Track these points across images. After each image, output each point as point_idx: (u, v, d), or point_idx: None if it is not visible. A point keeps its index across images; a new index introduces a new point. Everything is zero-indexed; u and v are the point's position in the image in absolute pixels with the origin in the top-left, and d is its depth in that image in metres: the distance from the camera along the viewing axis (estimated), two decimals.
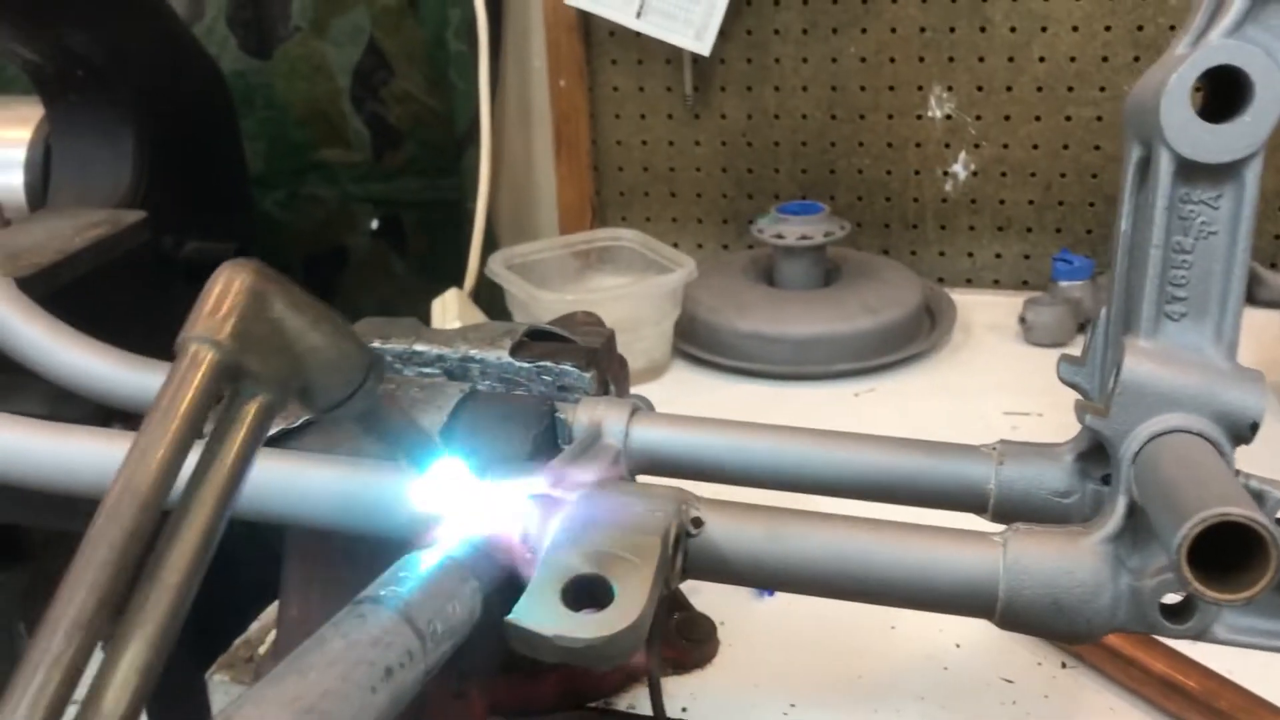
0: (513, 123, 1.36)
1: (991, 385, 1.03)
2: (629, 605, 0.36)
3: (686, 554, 0.41)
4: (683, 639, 0.72)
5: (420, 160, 1.40)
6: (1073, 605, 0.38)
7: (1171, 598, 0.38)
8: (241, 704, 0.27)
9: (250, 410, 0.35)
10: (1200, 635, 0.38)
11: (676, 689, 0.69)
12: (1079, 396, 0.45)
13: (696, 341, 1.12)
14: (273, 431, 0.51)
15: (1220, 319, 0.39)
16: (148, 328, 0.75)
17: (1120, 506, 0.38)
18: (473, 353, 0.56)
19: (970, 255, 1.26)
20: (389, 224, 1.43)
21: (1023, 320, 1.11)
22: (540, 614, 0.36)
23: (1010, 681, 0.69)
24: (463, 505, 0.39)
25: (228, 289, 0.35)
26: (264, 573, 0.67)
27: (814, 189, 1.28)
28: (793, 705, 0.67)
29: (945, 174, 1.24)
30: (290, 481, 0.45)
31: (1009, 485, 0.48)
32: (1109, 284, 0.43)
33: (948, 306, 1.16)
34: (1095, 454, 0.46)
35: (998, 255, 1.25)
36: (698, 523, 0.41)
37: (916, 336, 1.11)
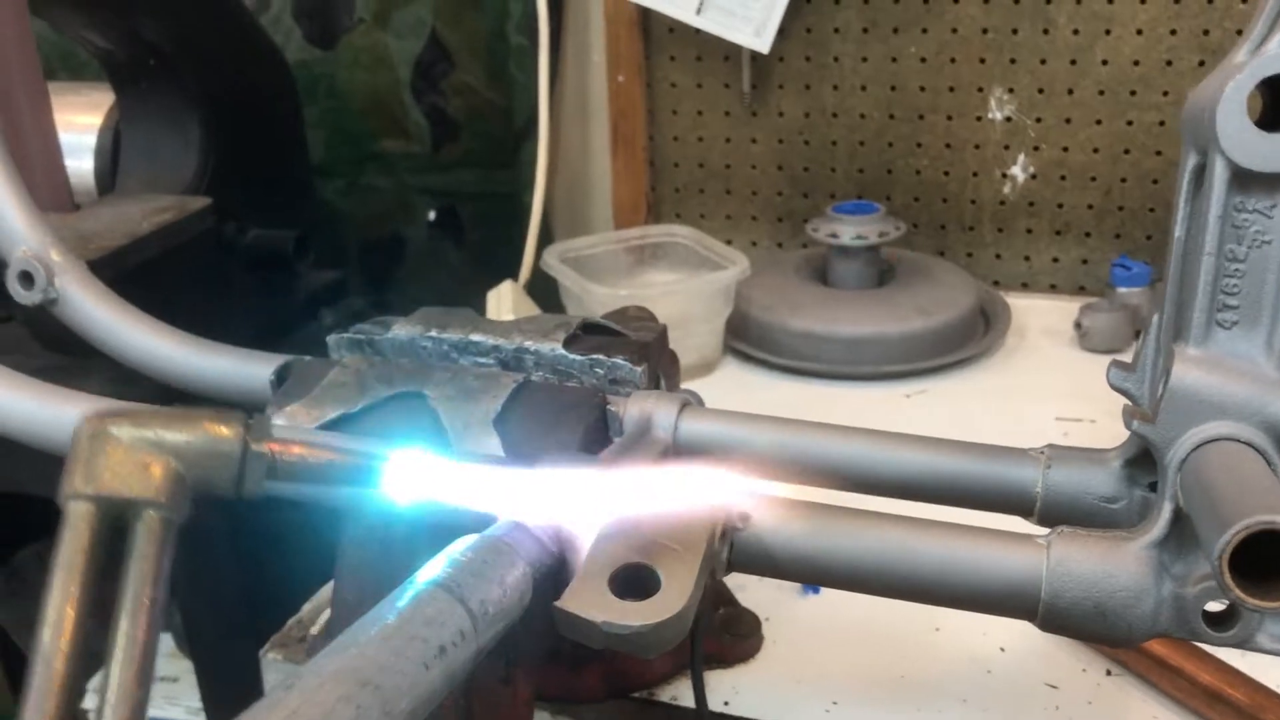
0: (570, 117, 1.37)
1: (1045, 390, 1.03)
2: (675, 595, 0.37)
3: (733, 547, 0.42)
4: (727, 634, 0.73)
5: (478, 152, 1.41)
6: (1115, 610, 0.38)
7: (1215, 605, 0.38)
8: (302, 675, 0.28)
9: (150, 530, 0.39)
10: (1243, 643, 0.38)
11: (719, 683, 0.70)
12: (1128, 403, 0.45)
13: (748, 339, 1.12)
14: (331, 417, 0.53)
15: (1272, 328, 0.38)
16: (209, 313, 0.77)
17: (1165, 513, 0.38)
18: (527, 344, 0.57)
19: (1027, 259, 1.25)
20: (446, 215, 1.45)
21: (1078, 326, 1.10)
22: (588, 601, 0.37)
23: (1054, 687, 0.69)
24: (515, 493, 0.40)
25: (76, 444, 0.39)
26: (314, 556, 0.68)
27: (870, 189, 1.28)
28: (835, 703, 0.68)
29: (1004, 176, 1.23)
30: None
31: (1056, 489, 0.48)
32: (1162, 290, 0.43)
33: (1002, 310, 1.15)
34: (1143, 460, 0.46)
35: (1055, 259, 1.24)
36: (745, 518, 0.42)
37: (970, 339, 1.11)
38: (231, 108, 1.20)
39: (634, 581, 0.37)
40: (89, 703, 0.76)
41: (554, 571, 0.39)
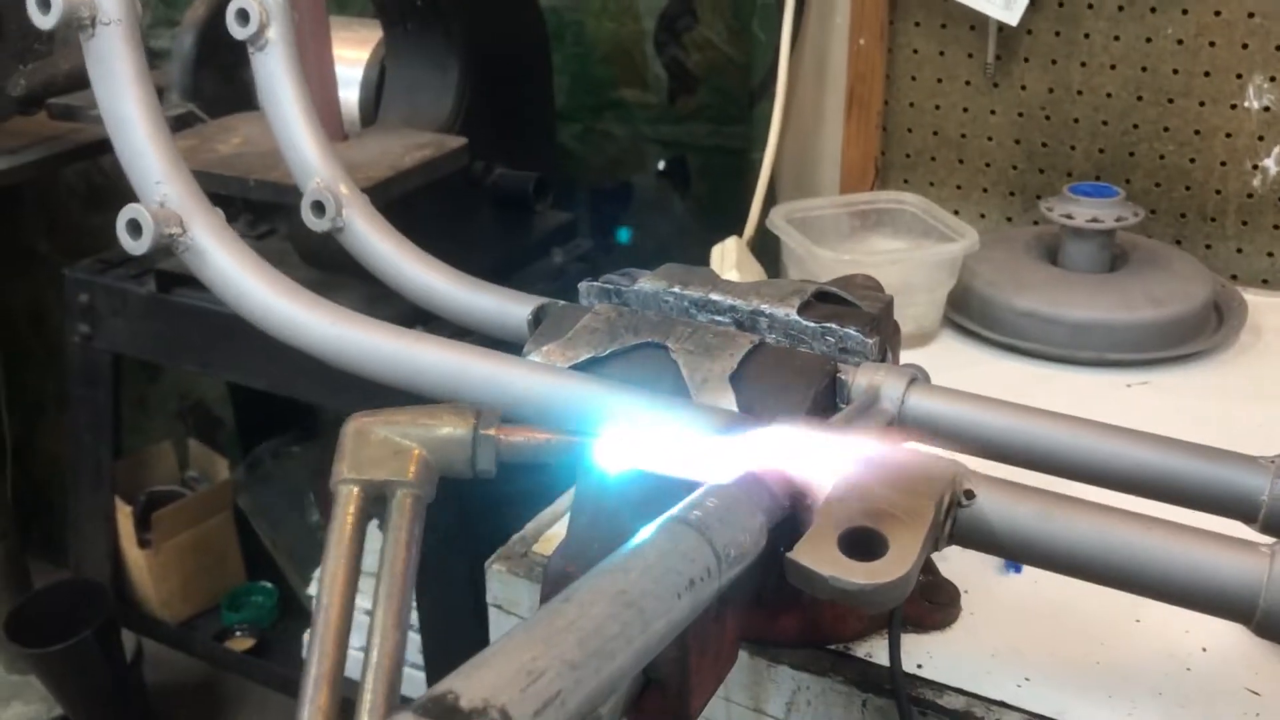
0: (807, 77, 1.38)
1: (1276, 394, 1.00)
2: (899, 560, 0.40)
3: (956, 521, 0.44)
4: (926, 601, 0.75)
5: (712, 107, 1.44)
6: None
7: None
8: (578, 588, 0.32)
9: (403, 507, 0.51)
10: None
11: (914, 646, 0.72)
12: None
13: (969, 313, 1.12)
14: (583, 358, 0.58)
15: None
16: (455, 245, 0.83)
17: None
18: (763, 307, 0.60)
19: (1270, 255, 1.20)
20: (675, 166, 1.49)
21: None
22: (818, 555, 0.40)
23: (1256, 694, 0.68)
24: (759, 449, 0.44)
25: (342, 440, 0.53)
26: (532, 484, 0.74)
27: (1109, 171, 1.25)
28: (1027, 679, 0.69)
29: (1255, 168, 1.18)
30: (596, 404, 0.51)
31: None
32: None
33: (1238, 306, 1.12)
34: None
35: None
36: (970, 494, 0.44)
37: (1200, 334, 1.08)
38: (488, 52, 1.27)
39: (862, 542, 0.41)
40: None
41: (785, 524, 0.42)
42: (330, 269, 1.12)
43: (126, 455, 1.82)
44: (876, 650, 0.72)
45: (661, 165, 1.50)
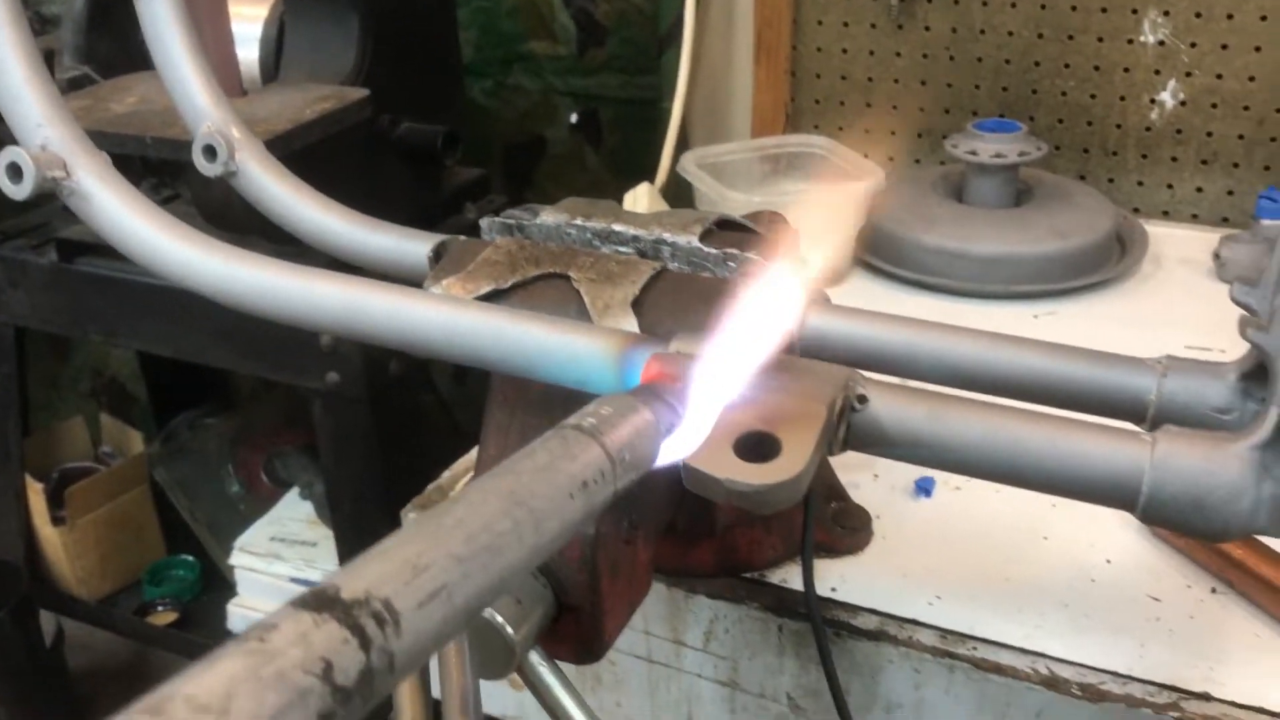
0: (715, 25, 1.38)
1: (1176, 319, 1.02)
2: (793, 460, 0.40)
3: (850, 426, 0.45)
4: (839, 526, 0.76)
5: (622, 58, 1.44)
6: (1214, 505, 0.40)
7: None
8: (467, 492, 0.32)
9: None
10: None
11: (827, 571, 0.73)
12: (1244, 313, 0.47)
13: (879, 252, 1.14)
14: (484, 290, 0.57)
15: None
16: (363, 200, 0.82)
17: (1272, 417, 0.40)
18: (665, 236, 0.60)
19: (1170, 187, 1.23)
20: (587, 118, 1.49)
21: (1217, 257, 1.08)
22: (714, 460, 0.40)
23: (1157, 600, 0.70)
24: (653, 362, 0.44)
25: None
26: (449, 434, 0.74)
27: (1013, 108, 1.27)
28: (938, 597, 0.71)
29: (1152, 102, 1.21)
30: (501, 334, 0.50)
31: (1170, 398, 0.49)
32: None
33: (1140, 237, 1.14)
34: (1259, 375, 0.47)
35: (1199, 189, 1.22)
36: (863, 399, 0.45)
37: (1104, 264, 1.10)
38: (390, 5, 1.25)
39: (757, 446, 0.41)
40: None
41: (682, 435, 0.42)
42: (236, 229, 1.10)
43: (37, 431, 1.77)
44: (791, 576, 0.73)
45: (574, 118, 1.49)
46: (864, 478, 0.81)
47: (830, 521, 0.76)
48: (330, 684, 0.24)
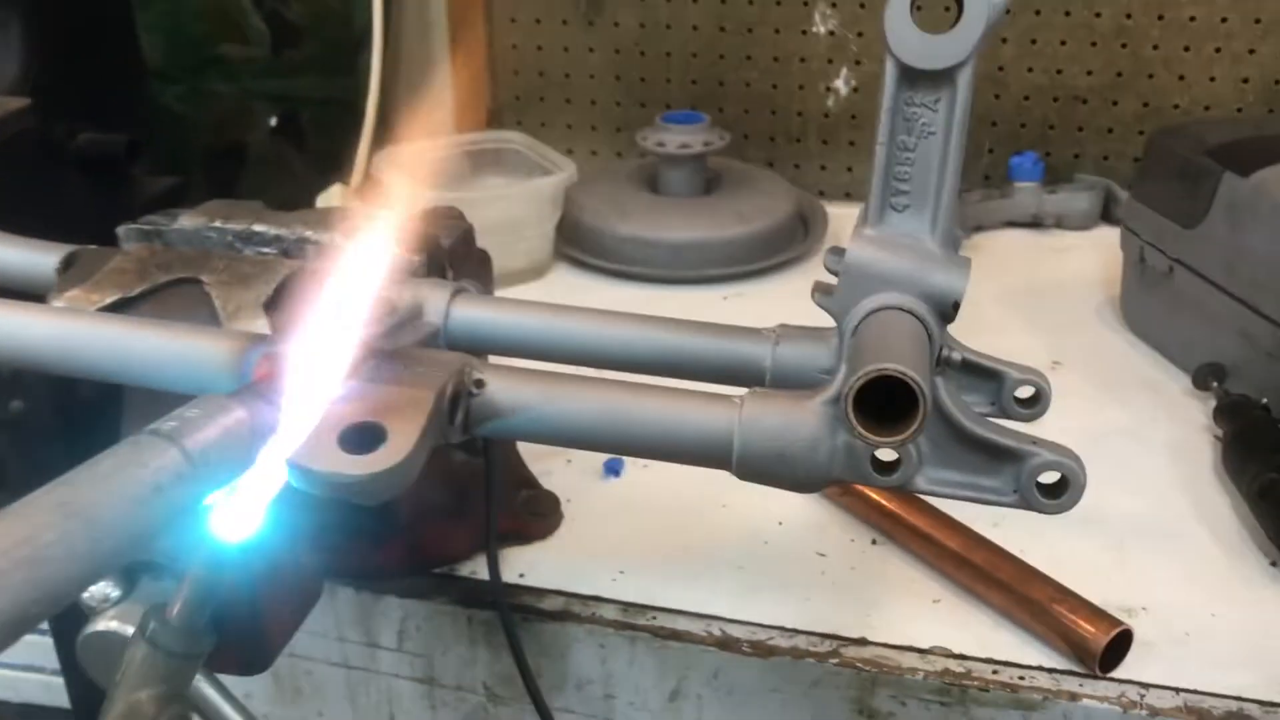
0: (411, 24, 1.37)
1: None
2: (397, 448, 0.41)
3: (469, 411, 0.46)
4: (528, 514, 0.78)
5: (319, 59, 1.41)
6: (795, 457, 0.43)
7: (885, 454, 0.44)
8: (14, 506, 0.31)
9: None
10: (905, 485, 0.43)
11: (516, 558, 0.75)
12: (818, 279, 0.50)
13: (579, 245, 1.16)
14: (109, 300, 0.55)
15: (935, 210, 0.43)
16: (36, 215, 0.77)
17: (841, 373, 0.44)
18: (309, 234, 0.59)
19: (850, 170, 1.31)
20: (288, 121, 1.45)
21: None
22: (316, 454, 0.40)
23: (823, 555, 0.75)
24: (264, 362, 0.43)
25: None
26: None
27: (704, 100, 1.32)
28: (621, 572, 0.73)
29: (828, 89, 1.28)
30: (116, 344, 0.49)
31: (783, 363, 0.53)
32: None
33: (822, 218, 1.21)
34: None
35: None
36: (480, 384, 0.46)
37: (787, 245, 1.16)
38: (57, 11, 1.18)
39: (363, 437, 0.41)
40: None
41: (284, 432, 0.42)
42: None
43: None
44: (480, 568, 0.74)
45: (274, 121, 1.45)
46: (557, 464, 0.83)
47: (520, 509, 0.77)
48: None
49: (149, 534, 0.34)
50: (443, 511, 0.72)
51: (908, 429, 0.36)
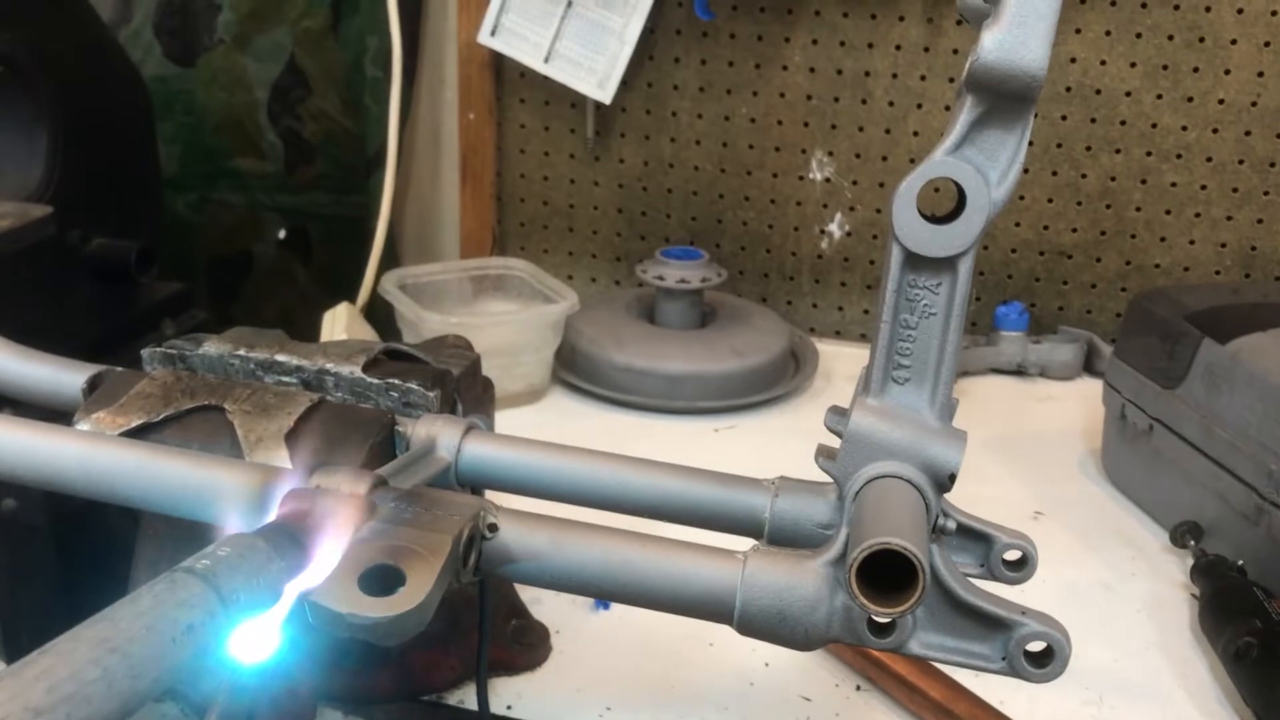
0: (423, 149, 1.42)
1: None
2: (415, 591, 0.42)
3: (480, 554, 0.48)
4: (516, 644, 0.79)
5: (331, 176, 1.45)
6: (794, 616, 0.45)
7: (880, 617, 0.46)
8: (58, 641, 0.33)
9: None
10: (899, 648, 0.45)
11: (505, 689, 0.75)
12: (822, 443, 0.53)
13: (576, 371, 1.19)
14: (134, 424, 0.57)
15: (935, 384, 0.46)
16: (48, 319, 0.79)
17: (841, 536, 0.46)
18: (329, 366, 0.62)
19: (840, 309, 1.35)
20: (296, 235, 1.48)
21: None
22: (336, 595, 0.42)
23: (808, 699, 0.76)
24: (290, 499, 0.45)
25: None
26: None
27: (702, 236, 1.36)
28: (609, 709, 0.74)
29: (822, 232, 1.32)
30: (141, 470, 0.50)
31: (782, 515, 0.55)
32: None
33: (812, 355, 1.24)
34: None
35: (865, 311, 1.34)
36: (493, 528, 0.48)
37: (779, 380, 1.19)
38: (82, 120, 1.22)
39: (381, 579, 0.43)
40: None
41: (309, 572, 0.44)
42: None
43: None
44: (468, 697, 0.74)
45: (282, 234, 1.49)
46: (547, 594, 0.84)
47: (509, 639, 0.78)
48: None
49: (180, 669, 0.36)
50: (434, 638, 0.73)
51: (907, 600, 0.38)
